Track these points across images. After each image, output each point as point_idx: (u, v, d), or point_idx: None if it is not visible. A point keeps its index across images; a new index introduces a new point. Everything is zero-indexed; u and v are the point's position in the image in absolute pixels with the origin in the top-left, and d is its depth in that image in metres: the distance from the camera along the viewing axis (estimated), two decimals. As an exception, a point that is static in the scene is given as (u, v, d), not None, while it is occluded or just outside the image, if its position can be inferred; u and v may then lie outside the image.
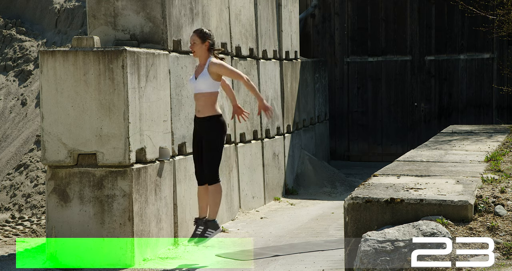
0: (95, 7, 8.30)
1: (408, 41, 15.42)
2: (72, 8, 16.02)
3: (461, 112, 15.26)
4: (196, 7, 9.08)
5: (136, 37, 8.25)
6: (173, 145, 8.35)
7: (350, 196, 5.58)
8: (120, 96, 7.35)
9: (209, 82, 7.37)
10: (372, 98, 15.63)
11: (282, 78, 12.18)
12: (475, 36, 15.03)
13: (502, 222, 5.47)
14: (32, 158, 13.38)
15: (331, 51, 15.79)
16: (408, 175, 6.53)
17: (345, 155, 15.79)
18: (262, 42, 11.32)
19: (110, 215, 7.38)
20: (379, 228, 5.36)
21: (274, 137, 11.72)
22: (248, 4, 10.79)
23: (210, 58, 7.40)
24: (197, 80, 7.41)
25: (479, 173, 6.64)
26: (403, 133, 15.50)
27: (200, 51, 7.41)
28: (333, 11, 15.77)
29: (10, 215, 12.20)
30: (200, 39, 7.38)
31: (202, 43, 7.38)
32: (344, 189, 12.46)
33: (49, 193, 7.49)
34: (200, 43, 7.38)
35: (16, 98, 14.91)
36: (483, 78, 15.14)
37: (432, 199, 5.43)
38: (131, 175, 7.38)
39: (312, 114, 13.85)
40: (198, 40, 7.38)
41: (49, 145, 7.46)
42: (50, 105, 7.45)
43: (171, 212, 8.26)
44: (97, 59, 7.37)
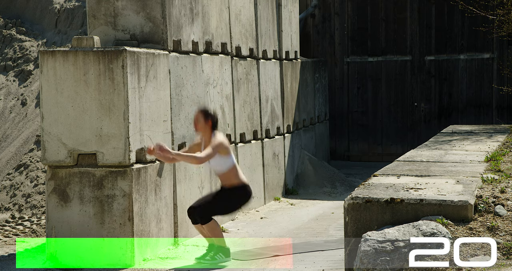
0: (95, 7, 8.30)
1: (408, 41, 15.41)
2: (72, 8, 16.02)
3: (461, 112, 15.26)
4: (196, 7, 9.08)
5: (136, 37, 8.25)
6: (173, 145, 8.35)
7: (350, 196, 5.58)
8: (120, 96, 7.35)
9: (221, 161, 7.44)
10: (372, 98, 15.63)
11: (282, 78, 12.18)
12: (475, 36, 15.03)
13: (502, 222, 5.47)
14: (32, 158, 13.38)
15: (331, 51, 15.79)
16: (408, 175, 6.53)
17: (345, 155, 15.79)
18: (262, 42, 11.32)
19: (110, 215, 7.38)
20: (379, 228, 5.36)
21: (274, 137, 11.72)
22: (248, 4, 10.79)
23: (214, 135, 7.46)
24: (211, 164, 7.47)
25: (479, 173, 6.64)
26: (403, 133, 15.49)
27: (203, 129, 7.50)
28: (333, 11, 15.76)
29: (10, 215, 12.19)
30: (204, 119, 7.46)
31: (205, 122, 7.46)
32: (344, 189, 12.46)
33: (49, 193, 7.49)
34: (203, 122, 7.47)
35: (16, 98, 14.91)
36: (483, 78, 15.13)
37: (432, 199, 5.43)
38: (131, 175, 7.38)
39: (312, 114, 13.85)
40: (202, 119, 7.47)
41: (49, 145, 7.46)
42: (50, 105, 7.45)
43: (171, 212, 8.26)
44: (97, 59, 7.37)
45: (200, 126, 7.48)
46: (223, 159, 7.43)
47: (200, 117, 7.48)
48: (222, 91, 9.81)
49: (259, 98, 11.12)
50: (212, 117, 7.49)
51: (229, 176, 7.46)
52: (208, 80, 9.36)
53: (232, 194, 7.47)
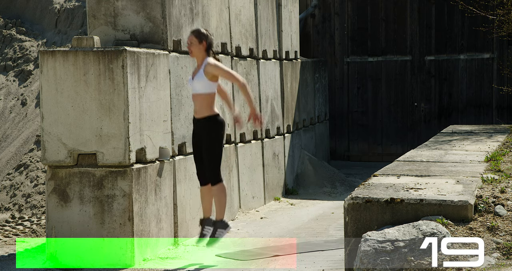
0: (95, 7, 8.30)
1: (408, 41, 15.42)
2: (72, 8, 16.02)
3: (461, 112, 15.26)
4: (196, 7, 9.08)
5: (136, 37, 8.25)
6: (173, 145, 8.35)
7: (350, 196, 5.58)
8: (120, 96, 7.35)
9: (205, 83, 7.28)
10: (372, 98, 15.63)
11: (282, 78, 12.18)
12: (475, 36, 15.03)
13: (502, 222, 5.47)
14: (32, 158, 13.38)
15: (331, 51, 15.79)
16: (408, 175, 6.53)
17: (345, 155, 15.79)
18: (262, 42, 11.32)
19: (110, 215, 7.38)
20: (379, 228, 5.36)
21: (274, 137, 11.72)
22: (248, 4, 10.79)
23: (207, 59, 7.33)
24: (194, 80, 7.34)
25: (479, 173, 6.64)
26: (403, 133, 15.50)
27: (197, 52, 7.31)
28: (333, 11, 15.77)
29: (10, 215, 12.19)
30: (197, 39, 7.28)
31: (200, 43, 7.28)
32: (344, 189, 12.46)
33: (49, 193, 7.49)
34: (197, 43, 7.29)
35: (16, 98, 14.91)
36: (483, 78, 15.14)
37: (432, 199, 5.43)
38: (131, 175, 7.38)
39: (312, 114, 13.85)
40: (195, 40, 7.29)
41: (49, 145, 7.46)
42: (50, 105, 7.45)
43: (171, 212, 8.26)
44: (97, 59, 7.37)
45: (194, 48, 7.26)
46: (210, 83, 7.27)
47: (193, 39, 7.27)
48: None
49: (259, 98, 11.13)
50: (206, 38, 7.29)
51: (207, 102, 7.26)
52: (208, 80, 9.35)
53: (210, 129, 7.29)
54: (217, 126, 7.37)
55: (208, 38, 7.32)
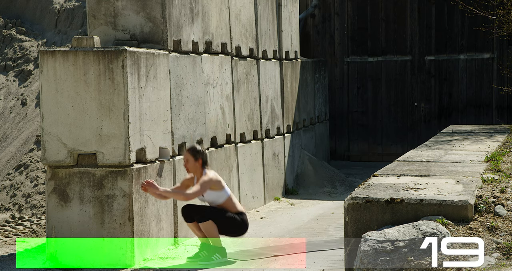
0: (95, 7, 8.30)
1: (408, 41, 15.41)
2: (72, 8, 16.02)
3: (461, 112, 15.26)
4: (196, 7, 9.08)
5: (136, 37, 8.25)
6: (173, 145, 8.35)
7: (350, 196, 5.58)
8: (120, 96, 7.35)
9: (215, 196, 7.45)
10: (372, 98, 15.63)
11: (282, 78, 12.18)
12: (475, 36, 15.03)
13: (502, 222, 5.47)
14: (32, 158, 13.38)
15: (331, 51, 15.79)
16: (408, 175, 6.53)
17: (345, 155, 15.79)
18: (262, 42, 11.32)
19: (110, 215, 7.38)
20: (379, 228, 5.36)
21: (274, 137, 11.72)
22: (248, 4, 10.79)
23: (205, 172, 7.43)
24: (206, 198, 7.50)
25: (479, 173, 6.64)
26: (403, 133, 15.49)
27: (193, 169, 7.45)
28: (333, 11, 15.76)
29: (10, 215, 12.20)
30: (193, 158, 7.42)
31: (195, 161, 7.42)
32: (344, 189, 12.46)
33: (49, 193, 7.49)
34: (193, 161, 7.42)
35: (16, 98, 14.91)
36: (483, 78, 15.13)
37: (432, 199, 5.43)
38: (131, 175, 7.38)
39: (312, 114, 13.86)
40: (192, 158, 7.42)
41: (49, 145, 7.46)
42: (50, 105, 7.45)
43: (171, 212, 8.26)
44: (97, 59, 7.37)
45: (190, 166, 7.43)
46: (216, 193, 7.45)
47: (189, 157, 7.44)
48: (222, 91, 9.81)
49: (259, 98, 11.13)
50: (202, 155, 7.45)
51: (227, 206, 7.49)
52: (208, 80, 9.36)
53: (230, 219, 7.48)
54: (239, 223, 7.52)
55: (203, 155, 7.46)
